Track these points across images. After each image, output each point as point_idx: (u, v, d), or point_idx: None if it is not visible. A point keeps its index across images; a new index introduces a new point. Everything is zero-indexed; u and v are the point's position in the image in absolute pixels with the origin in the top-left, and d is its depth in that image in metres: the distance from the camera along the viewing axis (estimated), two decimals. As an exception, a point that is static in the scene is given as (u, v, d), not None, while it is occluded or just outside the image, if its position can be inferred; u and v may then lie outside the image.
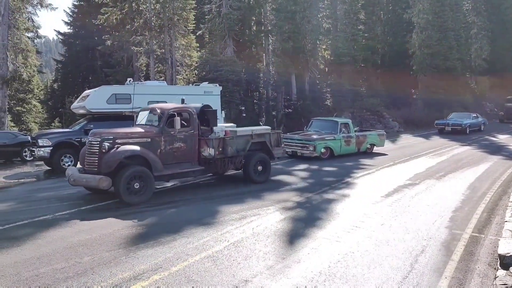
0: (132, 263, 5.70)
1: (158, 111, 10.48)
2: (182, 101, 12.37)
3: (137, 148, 9.44)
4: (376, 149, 18.34)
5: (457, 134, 26.02)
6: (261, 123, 33.04)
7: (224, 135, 11.04)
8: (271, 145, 12.17)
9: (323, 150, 16.09)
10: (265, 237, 6.85)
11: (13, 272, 5.46)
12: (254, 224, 7.53)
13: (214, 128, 11.15)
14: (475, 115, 29.01)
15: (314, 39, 34.02)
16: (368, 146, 17.96)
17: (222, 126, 11.72)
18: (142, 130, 10.11)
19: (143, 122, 10.81)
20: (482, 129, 28.72)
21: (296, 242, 6.61)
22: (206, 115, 11.26)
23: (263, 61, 36.64)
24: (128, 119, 16.74)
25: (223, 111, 18.88)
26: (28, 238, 6.89)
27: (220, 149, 10.80)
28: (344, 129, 16.93)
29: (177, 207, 9.06)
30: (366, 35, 39.40)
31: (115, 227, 7.39)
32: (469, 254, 6.11)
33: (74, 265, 5.66)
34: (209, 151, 10.56)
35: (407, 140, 24.43)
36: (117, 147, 9.26)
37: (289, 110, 32.85)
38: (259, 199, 9.55)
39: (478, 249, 6.34)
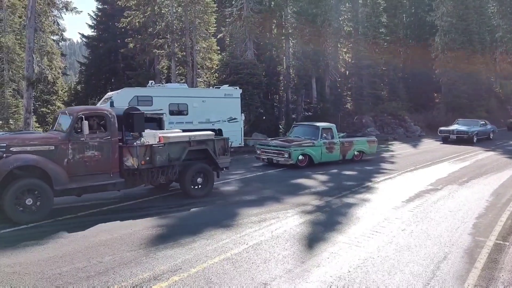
0: (152, 264, 5.75)
1: (67, 113, 9.07)
2: (111, 104, 11.59)
3: (31, 157, 8.05)
4: (396, 154, 18.02)
5: (463, 143, 23.67)
6: (280, 126, 33.05)
7: (157, 142, 9.64)
8: (215, 153, 10.58)
9: (300, 157, 14.93)
10: (284, 240, 6.83)
11: (37, 270, 5.58)
12: (273, 227, 7.52)
13: (145, 134, 9.70)
14: (483, 122, 26.60)
15: (335, 42, 33.88)
16: (356, 153, 16.60)
17: (156, 132, 10.21)
18: (44, 136, 8.82)
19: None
20: (491, 137, 26.45)
21: (315, 246, 6.57)
22: (131, 119, 9.70)
23: (283, 64, 36.61)
24: (149, 121, 16.99)
25: (242, 114, 18.93)
26: (51, 237, 7.03)
27: (147, 158, 9.27)
28: (326, 134, 15.68)
29: (196, 209, 9.10)
30: (388, 38, 39.02)
31: (135, 228, 7.48)
32: (493, 262, 5.97)
33: (96, 265, 5.75)
34: (132, 161, 9.14)
35: (429, 144, 24.10)
36: (8, 156, 7.89)
37: (309, 113, 32.75)
38: (278, 202, 9.53)
39: (502, 257, 6.20)
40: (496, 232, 7.38)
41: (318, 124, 16.53)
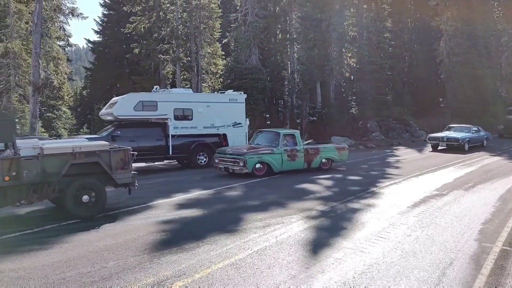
0: (156, 269, 5.74)
1: None
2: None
3: None
4: (401, 159, 17.89)
5: (453, 151, 22.14)
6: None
7: (37, 154, 8.27)
8: (110, 167, 8.88)
9: (258, 165, 14.02)
10: (289, 246, 6.80)
11: (41, 275, 5.58)
12: (278, 233, 7.49)
13: (22, 144, 8.49)
14: (476, 128, 24.82)
15: (340, 47, 33.90)
16: (324, 161, 15.58)
17: (38, 142, 8.89)
18: None
19: None
20: (485, 144, 24.87)
21: (320, 252, 6.53)
22: None
23: (288, 69, 36.70)
24: (155, 126, 17.06)
25: (247, 119, 18.93)
26: (55, 241, 7.04)
27: (13, 174, 7.79)
28: (287, 141, 14.78)
29: (201, 214, 9.08)
30: (392, 43, 39.04)
31: (139, 233, 7.47)
32: (499, 269, 5.91)
33: (100, 270, 5.74)
34: None
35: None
36: None
37: (314, 118, 32.74)
38: (283, 208, 9.50)
39: (509, 263, 6.13)
40: (503, 238, 7.30)
41: (279, 130, 15.71)
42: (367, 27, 35.44)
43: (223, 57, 32.34)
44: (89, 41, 46.21)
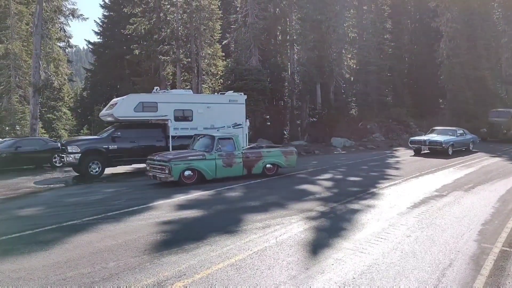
0: (157, 270, 5.75)
1: None
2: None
3: None
4: (401, 160, 17.88)
5: (437, 155, 20.79)
6: (285, 132, 33.08)
7: None
8: None
9: (187, 173, 12.73)
10: (289, 246, 6.81)
11: (41, 276, 5.59)
12: (278, 233, 7.50)
13: None
14: (462, 131, 23.47)
15: (340, 48, 33.94)
16: (269, 166, 14.44)
17: None
18: None
19: None
20: (471, 148, 23.48)
21: (320, 252, 6.54)
22: None
23: (288, 70, 36.74)
24: (155, 127, 17.08)
25: (247, 120, 18.95)
26: (56, 242, 7.05)
27: None
28: (224, 146, 13.53)
29: (201, 215, 9.09)
30: (392, 44, 39.11)
31: (140, 233, 7.49)
32: (499, 269, 5.92)
33: (100, 270, 5.75)
34: None
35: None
36: None
37: (314, 119, 32.79)
38: (283, 208, 9.51)
39: (508, 264, 6.14)
40: (503, 238, 7.31)
41: (214, 134, 14.32)
42: (367, 29, 35.49)
43: (223, 58, 32.38)
44: (89, 42, 46.34)
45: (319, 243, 7.00)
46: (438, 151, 21.15)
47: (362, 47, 35.02)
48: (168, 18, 30.37)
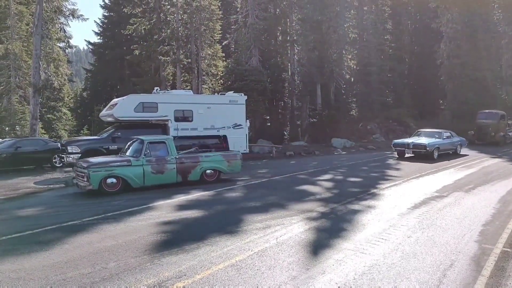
0: (157, 270, 5.74)
1: None
2: None
3: None
4: (401, 160, 17.78)
5: (421, 159, 19.57)
6: (286, 133, 33.07)
7: None
8: None
9: (110, 180, 11.47)
10: (289, 247, 6.79)
11: (41, 276, 5.58)
12: (278, 234, 7.49)
13: None
14: (449, 133, 22.18)
15: (340, 49, 33.94)
16: (209, 172, 13.33)
17: None
18: None
19: None
20: (459, 151, 22.29)
21: (321, 253, 6.53)
22: None
23: (288, 70, 36.73)
24: (155, 127, 17.08)
25: (247, 120, 18.95)
26: (56, 242, 7.04)
27: None
28: (154, 151, 12.31)
29: (201, 215, 9.08)
30: (393, 45, 39.12)
31: (140, 234, 7.47)
32: (500, 270, 5.91)
33: (100, 271, 5.74)
34: None
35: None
36: None
37: (314, 119, 32.78)
38: (283, 209, 9.49)
39: (509, 264, 6.13)
40: (503, 239, 7.30)
41: (143, 137, 12.89)
42: (367, 29, 35.51)
43: (224, 58, 32.37)
44: (89, 42, 46.35)
45: (319, 244, 6.98)
46: (422, 155, 19.86)
47: (362, 48, 35.04)
48: (168, 18, 30.37)
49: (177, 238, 7.31)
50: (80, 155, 14.81)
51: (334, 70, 33.62)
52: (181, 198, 10.82)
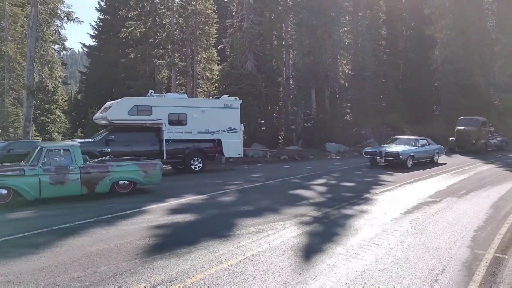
0: (148, 274, 5.70)
1: None
2: None
3: None
4: (394, 166, 17.78)
5: (395, 168, 18.45)
6: (280, 137, 33.06)
7: None
8: None
9: (1, 191, 10.21)
10: (282, 251, 6.77)
11: (31, 280, 5.52)
12: (271, 238, 7.47)
13: None
14: (425, 141, 20.98)
15: (335, 54, 34.05)
16: (122, 183, 11.86)
17: None
18: None
19: None
20: (436, 160, 21.09)
21: (313, 258, 6.51)
22: None
23: (283, 75, 36.79)
24: (149, 130, 17.03)
25: (242, 124, 18.93)
26: (47, 246, 6.98)
27: None
28: (55, 158, 10.93)
29: (194, 219, 9.03)
30: (387, 50, 39.31)
31: (132, 237, 7.43)
32: (491, 276, 5.92)
33: (91, 274, 5.69)
34: None
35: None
36: None
37: (309, 124, 32.82)
38: (276, 213, 9.48)
39: (501, 270, 6.14)
40: (495, 245, 7.32)
41: (43, 144, 11.69)
42: (362, 35, 35.65)
43: (219, 62, 32.39)
44: (84, 45, 46.22)
45: (312, 248, 6.97)
46: (395, 163, 18.66)
47: (357, 53, 35.17)
48: (163, 22, 30.37)
49: (169, 242, 7.26)
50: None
51: (329, 75, 33.71)
52: (173, 202, 10.77)
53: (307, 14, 31.55)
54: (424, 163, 20.26)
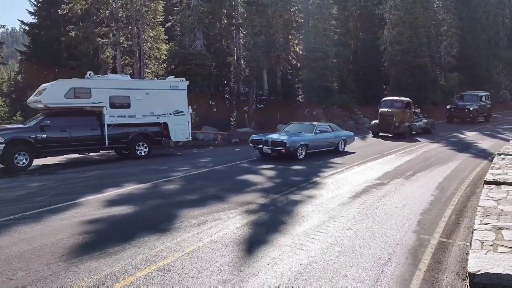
0: (71, 280, 5.11)
1: None
2: None
3: None
4: (345, 147, 17.77)
5: (283, 159, 15.33)
6: (232, 119, 32.54)
7: None
8: None
9: None
10: (224, 245, 6.36)
11: None
12: (213, 231, 7.03)
13: None
14: (327, 127, 17.62)
15: (286, 34, 33.64)
16: None
17: None
18: None
19: None
20: (341, 148, 17.51)
21: (256, 251, 6.15)
22: None
23: (234, 55, 36.02)
24: (89, 114, 15.99)
25: (189, 107, 18.19)
26: (-40, 249, 6.21)
27: None
28: None
29: (132, 212, 8.39)
30: (338, 30, 39.33)
31: (59, 235, 6.76)
32: (436, 263, 5.79)
33: (4, 282, 5.03)
34: None
35: (377, 137, 24.30)
36: None
37: (261, 105, 32.43)
38: (222, 202, 9.05)
39: (446, 256, 6.03)
40: (440, 229, 7.26)
41: None
42: (313, 14, 35.34)
43: (167, 41, 31.12)
44: (23, 22, 43.14)
45: (256, 240, 6.62)
46: (283, 154, 15.34)
47: (308, 33, 34.85)
48: (107, -2, 28.69)
49: (101, 239, 6.66)
50: (4, 145, 13.52)
51: (281, 55, 33.31)
52: (112, 193, 10.04)
53: (257, -8, 30.83)
54: (324, 152, 16.87)
